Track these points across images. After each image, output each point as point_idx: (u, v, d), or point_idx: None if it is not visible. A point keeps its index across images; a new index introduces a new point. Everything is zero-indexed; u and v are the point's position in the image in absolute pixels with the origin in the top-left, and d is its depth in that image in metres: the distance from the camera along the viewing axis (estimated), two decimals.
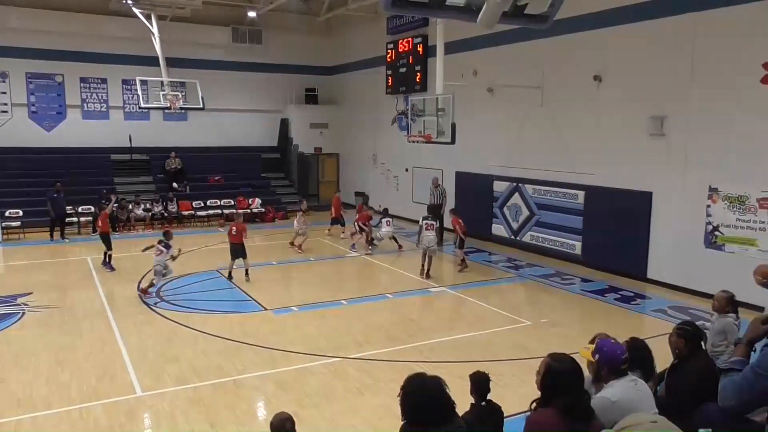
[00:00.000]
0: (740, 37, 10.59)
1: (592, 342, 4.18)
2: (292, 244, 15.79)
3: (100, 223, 14.19)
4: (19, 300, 11.02)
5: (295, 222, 15.97)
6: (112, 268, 13.49)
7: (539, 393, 3.34)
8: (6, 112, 20.33)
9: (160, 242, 11.75)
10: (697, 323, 5.00)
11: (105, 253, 13.72)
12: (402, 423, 3.24)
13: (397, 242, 15.80)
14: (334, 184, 24.95)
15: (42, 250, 15.74)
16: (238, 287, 12.12)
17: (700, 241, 11.36)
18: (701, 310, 9.98)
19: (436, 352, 8.57)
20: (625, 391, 3.47)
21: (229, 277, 12.55)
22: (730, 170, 10.84)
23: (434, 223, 13.48)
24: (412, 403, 3.17)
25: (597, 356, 3.59)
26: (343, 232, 17.20)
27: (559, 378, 3.18)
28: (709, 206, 11.21)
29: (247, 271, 12.56)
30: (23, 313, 10.28)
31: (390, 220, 15.84)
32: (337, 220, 17.67)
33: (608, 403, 3.40)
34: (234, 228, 12.63)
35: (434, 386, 3.21)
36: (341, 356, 8.38)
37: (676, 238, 11.84)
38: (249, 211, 20.48)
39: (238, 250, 12.47)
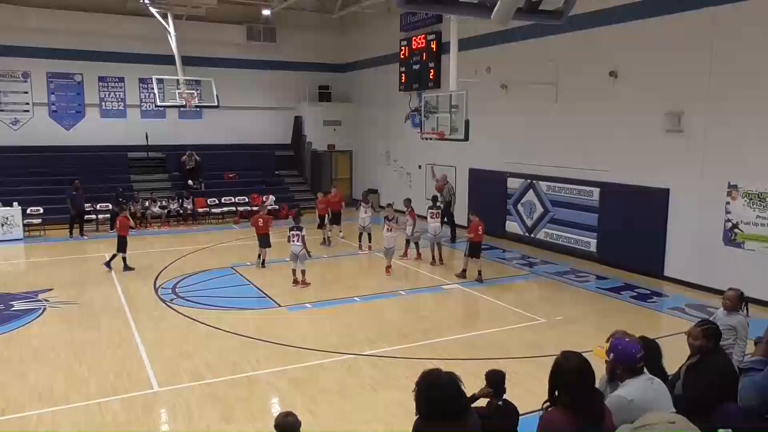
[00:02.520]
0: (759, 32, 10.42)
1: (609, 340, 4.13)
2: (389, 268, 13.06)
3: (118, 225, 13.69)
4: (40, 296, 11.21)
5: (385, 231, 13.17)
6: (129, 268, 13.26)
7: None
8: (28, 111, 20.66)
9: (292, 229, 11.88)
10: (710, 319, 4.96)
11: (123, 258, 13.26)
12: (416, 418, 3.25)
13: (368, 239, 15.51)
14: (347, 182, 25.01)
15: (62, 247, 15.99)
16: (253, 284, 12.21)
17: (718, 239, 11.21)
18: (719, 308, 9.85)
19: (449, 349, 8.57)
20: (642, 389, 3.44)
21: (262, 264, 13.40)
22: (750, 167, 10.68)
23: (438, 210, 14.23)
24: (426, 399, 3.18)
25: (611, 355, 3.55)
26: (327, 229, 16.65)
27: (566, 376, 3.17)
28: (728, 203, 11.05)
29: (264, 261, 13.38)
30: (44, 309, 10.46)
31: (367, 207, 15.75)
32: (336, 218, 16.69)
33: (624, 402, 3.36)
34: (261, 219, 13.55)
35: (449, 382, 3.21)
36: (354, 353, 8.40)
37: (694, 235, 11.70)
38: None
39: (264, 240, 13.36)
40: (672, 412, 3.48)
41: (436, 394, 3.16)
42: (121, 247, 13.25)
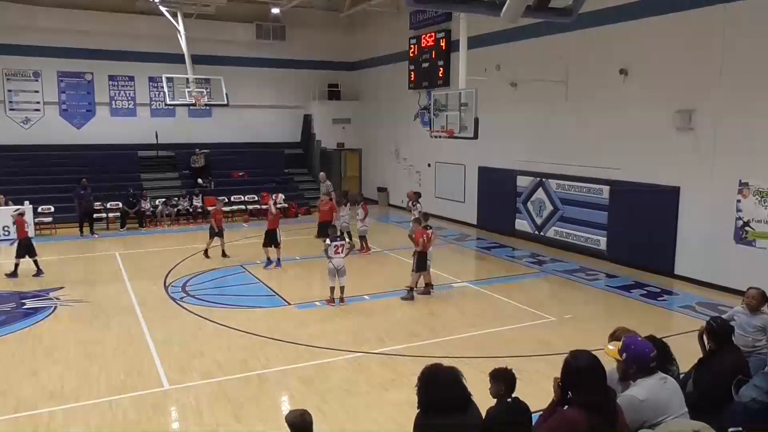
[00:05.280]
0: None
1: (612, 336, 4.09)
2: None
3: (17, 227, 12.71)
4: (52, 294, 11.31)
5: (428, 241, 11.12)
6: (40, 272, 12.55)
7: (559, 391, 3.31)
8: (38, 110, 20.83)
9: (335, 239, 10.75)
10: (723, 317, 4.93)
11: (15, 264, 12.44)
12: (417, 412, 3.26)
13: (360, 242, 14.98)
14: (356, 179, 25.03)
15: (72, 246, 16.11)
16: (263, 282, 12.25)
17: (729, 237, 11.11)
18: (731, 306, 9.75)
19: (458, 347, 8.56)
20: (654, 389, 3.41)
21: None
22: (761, 164, 10.57)
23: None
24: (426, 393, 3.21)
25: (624, 355, 3.51)
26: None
27: (578, 375, 3.15)
28: (739, 201, 10.95)
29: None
30: (55, 307, 10.54)
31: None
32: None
33: (637, 402, 3.33)
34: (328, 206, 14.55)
35: (448, 376, 3.23)
36: (364, 351, 8.42)
37: (705, 233, 11.60)
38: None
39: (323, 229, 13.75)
40: (684, 412, 3.46)
41: (435, 388, 3.19)
42: (21, 252, 12.37)
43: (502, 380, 4.25)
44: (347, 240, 10.99)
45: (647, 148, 12.65)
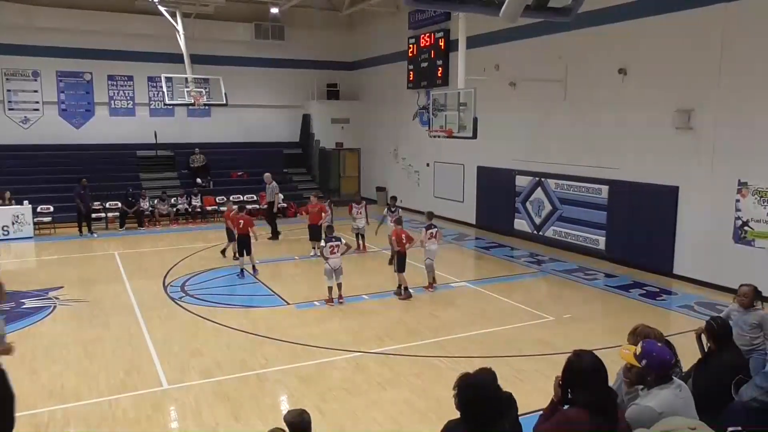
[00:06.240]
0: None
1: (633, 333, 3.99)
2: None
3: None
4: (51, 294, 11.30)
5: (427, 242, 11.40)
6: None
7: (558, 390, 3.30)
8: (38, 110, 20.82)
9: (330, 239, 10.57)
10: (721, 315, 4.93)
11: None
12: (452, 420, 3.17)
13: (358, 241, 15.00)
14: (355, 179, 25.03)
15: (71, 245, 16.09)
16: (262, 282, 12.25)
17: (728, 236, 11.13)
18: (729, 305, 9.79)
19: (457, 347, 8.56)
20: (670, 400, 3.33)
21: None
22: (761, 164, 10.59)
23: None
24: (468, 412, 3.07)
25: (644, 362, 3.38)
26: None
27: (581, 375, 3.15)
28: (738, 201, 10.97)
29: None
30: (54, 307, 10.54)
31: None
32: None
33: (655, 414, 3.24)
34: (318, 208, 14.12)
35: (495, 404, 3.12)
36: (363, 351, 8.42)
37: (704, 233, 11.62)
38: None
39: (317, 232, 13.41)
40: (695, 417, 3.42)
41: (484, 397, 3.07)
42: None
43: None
44: (342, 240, 10.95)
45: (646, 148, 12.67)
